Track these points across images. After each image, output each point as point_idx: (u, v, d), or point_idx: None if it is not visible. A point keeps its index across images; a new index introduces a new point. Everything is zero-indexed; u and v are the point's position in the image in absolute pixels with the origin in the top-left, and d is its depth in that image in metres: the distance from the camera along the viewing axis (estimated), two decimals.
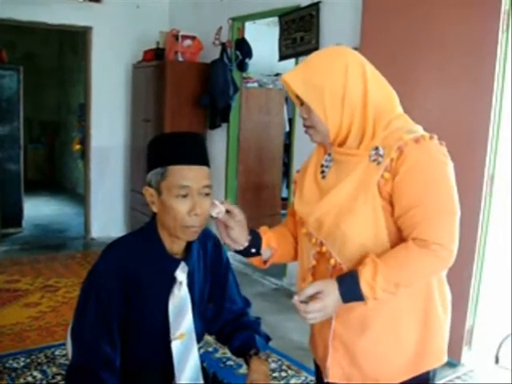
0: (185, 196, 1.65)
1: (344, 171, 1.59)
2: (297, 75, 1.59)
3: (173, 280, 1.75)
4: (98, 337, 1.66)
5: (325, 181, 1.65)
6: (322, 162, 1.69)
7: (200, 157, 1.70)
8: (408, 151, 1.50)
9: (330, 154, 1.67)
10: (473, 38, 3.38)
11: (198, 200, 1.66)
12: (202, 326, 1.88)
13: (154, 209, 1.72)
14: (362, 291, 1.48)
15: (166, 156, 1.67)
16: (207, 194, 1.69)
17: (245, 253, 1.76)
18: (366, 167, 1.55)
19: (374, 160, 1.54)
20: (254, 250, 1.76)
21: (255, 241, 1.75)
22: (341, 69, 1.56)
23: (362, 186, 1.54)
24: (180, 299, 1.77)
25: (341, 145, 1.61)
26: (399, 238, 1.56)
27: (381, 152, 1.53)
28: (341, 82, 1.55)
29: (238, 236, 1.72)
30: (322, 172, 1.67)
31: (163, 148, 1.69)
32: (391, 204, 1.54)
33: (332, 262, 1.60)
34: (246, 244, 1.73)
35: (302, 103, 1.62)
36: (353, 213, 1.54)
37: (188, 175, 1.65)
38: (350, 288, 1.49)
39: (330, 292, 1.50)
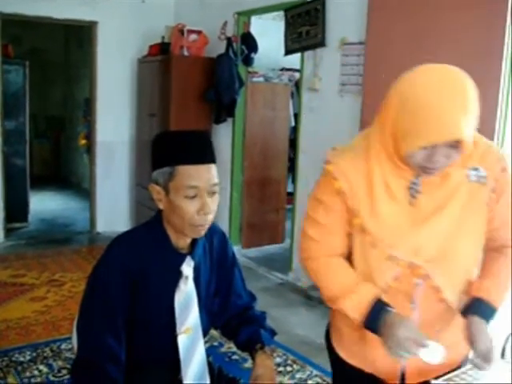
0: (193, 196, 1.64)
1: (442, 194, 1.55)
2: (463, 123, 1.42)
3: (179, 274, 1.75)
4: (103, 331, 1.66)
5: (417, 205, 1.57)
6: (411, 185, 1.57)
7: (208, 155, 1.69)
8: (508, 172, 1.55)
9: (417, 176, 1.57)
10: (480, 35, 3.36)
11: (206, 200, 1.66)
12: (208, 321, 1.88)
13: (161, 206, 1.71)
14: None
15: (174, 155, 1.65)
16: (215, 192, 1.69)
17: None
18: (469, 189, 1.54)
19: (476, 181, 1.53)
20: None
21: None
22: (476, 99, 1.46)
23: (468, 209, 1.54)
24: (186, 294, 1.76)
25: None
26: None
27: (482, 173, 1.53)
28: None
29: None
30: (412, 196, 1.57)
31: (171, 147, 1.67)
32: None
33: (432, 283, 1.58)
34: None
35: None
36: (462, 237, 1.55)
37: (197, 175, 1.64)
38: (491, 317, 1.60)
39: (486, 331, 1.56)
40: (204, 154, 1.68)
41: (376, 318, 1.56)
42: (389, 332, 1.51)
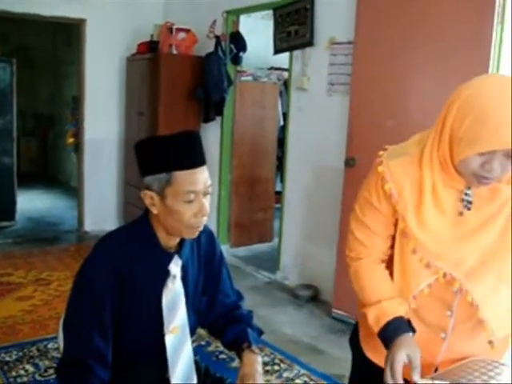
0: (192, 199, 1.64)
1: (490, 210, 1.55)
2: None
3: (166, 274, 1.75)
4: (90, 330, 1.66)
5: (464, 218, 1.56)
6: (463, 196, 1.55)
7: (202, 157, 1.69)
8: None
9: (469, 188, 1.56)
10: (468, 31, 3.39)
11: (203, 201, 1.66)
12: (196, 320, 1.88)
13: (155, 211, 1.69)
14: None
15: (170, 161, 1.63)
16: (209, 193, 1.70)
17: None
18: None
19: None
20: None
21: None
22: None
23: (509, 224, 1.54)
24: (174, 293, 1.76)
25: None
26: None
27: None
28: None
29: None
30: (466, 207, 1.56)
31: (165, 152, 1.65)
32: None
33: (469, 299, 1.59)
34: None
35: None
36: (503, 254, 1.55)
37: (194, 180, 1.64)
38: None
39: None
40: (198, 156, 1.68)
41: (389, 336, 1.60)
42: (390, 351, 1.56)
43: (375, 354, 1.79)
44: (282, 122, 6.63)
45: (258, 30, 6.53)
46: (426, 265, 1.59)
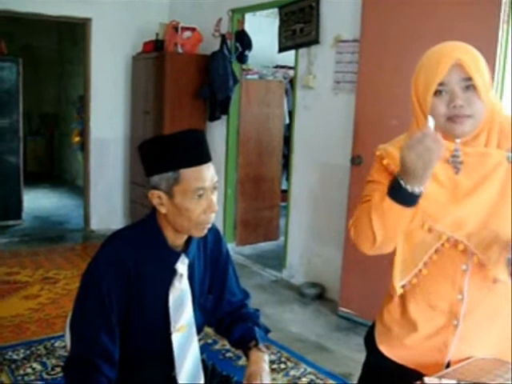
0: (200, 197, 1.65)
1: (481, 173, 1.57)
2: (471, 57, 1.57)
3: (173, 272, 1.75)
4: (97, 328, 1.66)
5: (457, 182, 1.59)
6: (452, 158, 1.59)
7: (207, 154, 1.69)
8: None
9: (456, 150, 1.59)
10: (474, 29, 3.37)
11: (212, 197, 1.67)
12: (202, 318, 1.88)
13: (163, 210, 1.69)
14: None
15: (176, 159, 1.64)
16: (216, 188, 1.71)
17: None
18: (508, 170, 1.55)
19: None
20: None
21: None
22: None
23: (507, 189, 1.55)
24: (180, 292, 1.77)
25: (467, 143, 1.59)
26: None
27: None
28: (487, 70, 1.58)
29: None
30: (455, 167, 1.59)
31: (171, 151, 1.66)
32: None
33: (475, 259, 1.59)
34: None
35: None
36: (501, 216, 1.56)
37: (201, 176, 1.64)
38: None
39: None
40: (204, 153, 1.68)
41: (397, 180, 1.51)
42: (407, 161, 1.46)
43: (389, 348, 1.79)
44: (287, 121, 6.63)
45: (263, 29, 6.53)
46: (428, 230, 1.61)
